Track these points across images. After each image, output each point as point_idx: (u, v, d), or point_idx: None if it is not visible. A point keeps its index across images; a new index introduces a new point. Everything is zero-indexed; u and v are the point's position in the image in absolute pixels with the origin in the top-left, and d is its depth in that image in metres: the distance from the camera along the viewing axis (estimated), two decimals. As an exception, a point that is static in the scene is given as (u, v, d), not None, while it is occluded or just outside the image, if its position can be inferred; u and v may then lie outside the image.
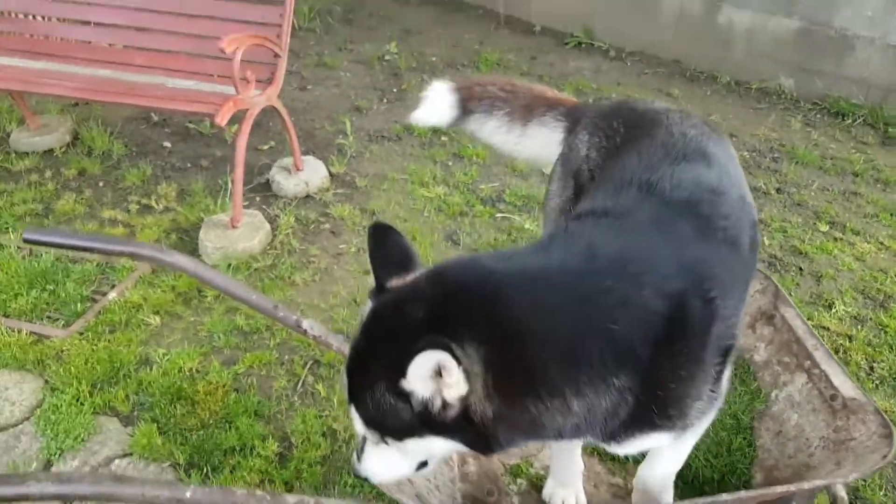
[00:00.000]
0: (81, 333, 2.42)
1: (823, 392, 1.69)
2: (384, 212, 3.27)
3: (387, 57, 5.03)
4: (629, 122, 1.64)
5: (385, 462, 1.26)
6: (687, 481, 1.87)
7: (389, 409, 1.13)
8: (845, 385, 1.65)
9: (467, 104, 1.95)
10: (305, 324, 1.68)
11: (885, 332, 2.74)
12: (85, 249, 1.68)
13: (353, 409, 1.21)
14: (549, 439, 1.28)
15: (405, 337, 1.09)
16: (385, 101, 4.42)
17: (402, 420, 1.13)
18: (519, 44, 5.57)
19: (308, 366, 2.37)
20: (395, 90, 4.57)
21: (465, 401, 1.09)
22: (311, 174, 3.34)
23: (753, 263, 1.42)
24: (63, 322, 2.48)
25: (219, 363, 2.34)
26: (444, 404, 1.10)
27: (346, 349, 1.74)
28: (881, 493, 2.03)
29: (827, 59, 4.71)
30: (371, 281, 1.29)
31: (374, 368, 1.15)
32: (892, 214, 3.60)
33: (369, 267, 1.29)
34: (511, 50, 5.40)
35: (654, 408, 1.20)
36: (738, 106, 4.81)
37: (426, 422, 1.12)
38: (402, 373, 1.07)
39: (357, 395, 1.19)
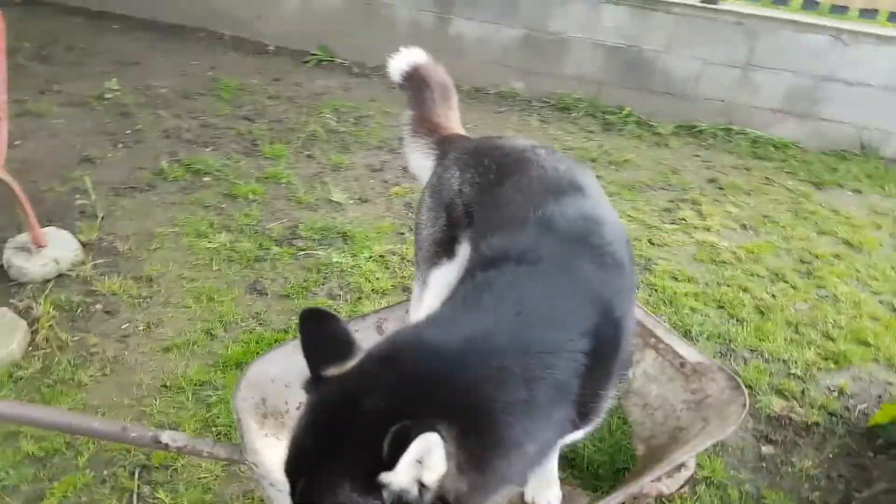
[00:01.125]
0: None
1: (673, 362, 2.03)
2: (164, 275, 2.97)
3: (107, 95, 4.54)
4: (499, 159, 1.82)
5: None
6: (582, 469, 2.09)
7: None
8: (690, 352, 2.00)
9: (404, 82, 2.22)
10: (165, 437, 1.54)
11: (657, 291, 3.32)
12: None
13: None
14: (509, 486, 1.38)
15: (371, 429, 1.09)
16: (120, 146, 3.99)
17: None
18: (256, 66, 5.46)
19: (137, 474, 2.08)
20: (128, 132, 4.15)
21: (440, 481, 1.12)
22: (58, 249, 2.88)
23: (633, 276, 1.66)
24: None
25: (19, 505, 1.93)
26: (421, 490, 1.11)
27: (219, 452, 1.61)
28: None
29: (549, 61, 5.49)
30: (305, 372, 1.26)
31: (335, 468, 1.12)
32: (629, 189, 4.35)
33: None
34: (250, 73, 5.27)
35: (579, 420, 1.41)
36: (482, 111, 5.34)
37: None
38: (378, 467, 1.07)
39: (312, 501, 1.14)
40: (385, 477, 1.08)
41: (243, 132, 4.35)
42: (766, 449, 2.45)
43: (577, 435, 1.54)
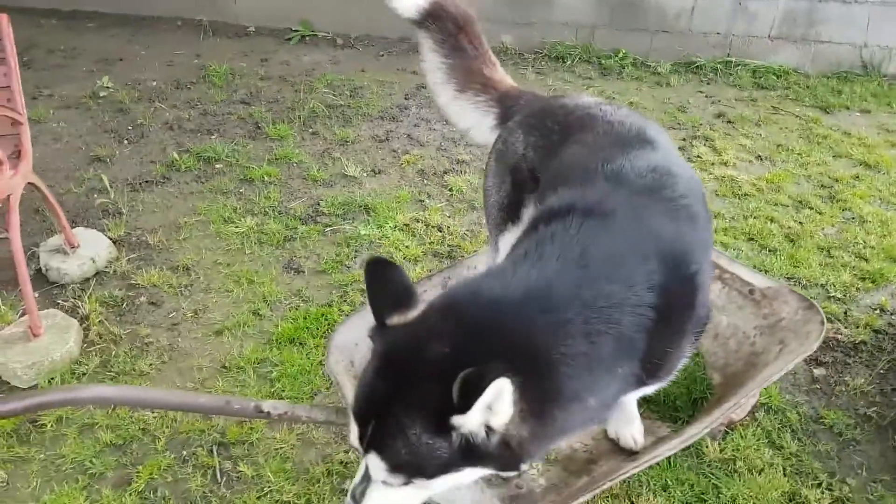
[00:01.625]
0: None
1: (741, 290, 2.12)
2: (199, 263, 3.08)
3: (101, 93, 4.59)
4: (564, 118, 1.84)
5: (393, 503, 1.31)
6: (660, 402, 2.21)
7: (426, 450, 1.20)
8: (757, 278, 2.10)
9: (426, 19, 2.02)
10: (266, 406, 1.66)
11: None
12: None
13: (374, 457, 1.24)
14: (571, 436, 1.46)
15: (438, 375, 1.16)
16: (126, 142, 4.07)
17: (439, 458, 1.21)
18: (240, 49, 5.51)
19: (215, 451, 2.21)
20: (130, 127, 4.22)
21: (505, 427, 1.21)
22: (91, 248, 2.98)
23: (711, 230, 1.67)
24: None
25: (110, 490, 2.07)
26: (489, 433, 1.20)
27: (316, 416, 1.74)
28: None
29: (537, 10, 5.56)
30: (370, 319, 1.35)
31: (405, 411, 1.20)
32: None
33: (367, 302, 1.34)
34: (236, 56, 5.33)
35: (646, 376, 1.45)
36: (476, 69, 5.41)
37: (466, 455, 1.21)
38: (449, 410, 1.15)
39: (383, 442, 1.22)
40: (457, 420, 1.16)
41: (244, 116, 4.43)
42: (818, 371, 2.58)
43: (646, 390, 1.57)
